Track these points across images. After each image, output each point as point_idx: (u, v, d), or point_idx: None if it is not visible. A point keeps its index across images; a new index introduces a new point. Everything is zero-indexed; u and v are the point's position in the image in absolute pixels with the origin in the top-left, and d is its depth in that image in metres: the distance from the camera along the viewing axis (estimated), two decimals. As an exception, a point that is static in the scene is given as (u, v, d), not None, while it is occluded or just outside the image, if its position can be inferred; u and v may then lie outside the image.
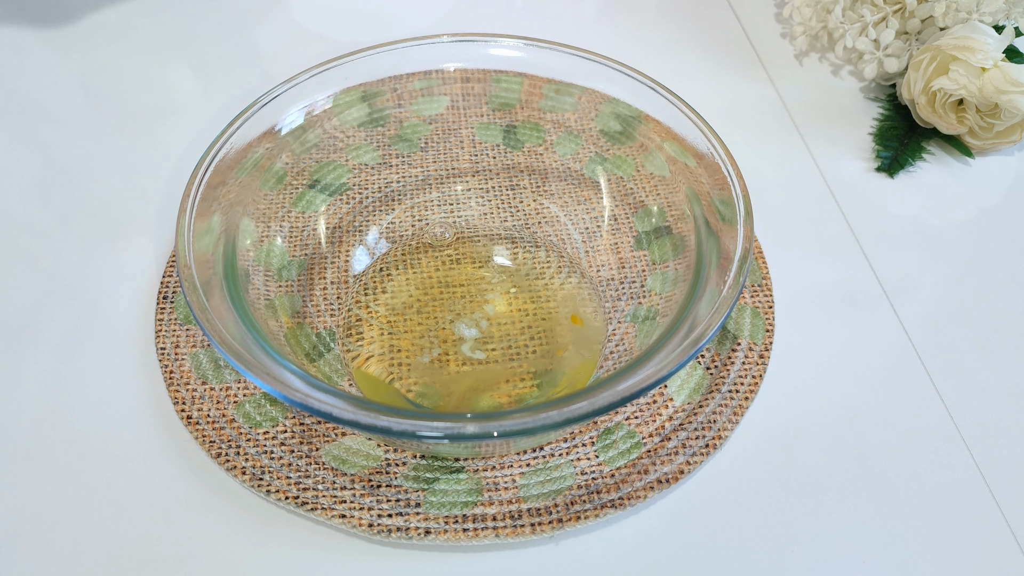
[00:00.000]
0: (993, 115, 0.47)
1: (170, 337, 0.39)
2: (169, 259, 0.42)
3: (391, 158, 0.44)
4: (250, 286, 0.35)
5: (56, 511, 0.34)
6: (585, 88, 0.42)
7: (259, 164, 0.38)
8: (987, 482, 0.36)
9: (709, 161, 0.37)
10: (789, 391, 0.39)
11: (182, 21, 0.56)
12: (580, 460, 0.35)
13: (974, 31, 0.46)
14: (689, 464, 0.35)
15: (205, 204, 0.35)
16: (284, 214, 0.40)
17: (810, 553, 0.34)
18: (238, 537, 0.34)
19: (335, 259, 0.41)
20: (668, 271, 0.38)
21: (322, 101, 0.41)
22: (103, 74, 0.52)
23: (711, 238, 0.35)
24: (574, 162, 0.43)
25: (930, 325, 0.41)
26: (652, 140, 0.40)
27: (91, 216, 0.45)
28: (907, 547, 0.34)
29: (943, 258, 0.44)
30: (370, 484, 0.34)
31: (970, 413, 0.38)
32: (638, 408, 0.37)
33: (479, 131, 0.45)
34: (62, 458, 0.36)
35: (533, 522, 0.33)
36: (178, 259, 0.33)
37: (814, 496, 0.35)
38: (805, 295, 0.42)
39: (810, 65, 0.55)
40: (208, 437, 0.35)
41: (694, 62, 0.55)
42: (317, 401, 0.29)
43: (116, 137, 0.49)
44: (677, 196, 0.39)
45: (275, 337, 0.34)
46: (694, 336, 0.31)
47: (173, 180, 0.46)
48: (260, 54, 0.54)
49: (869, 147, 0.50)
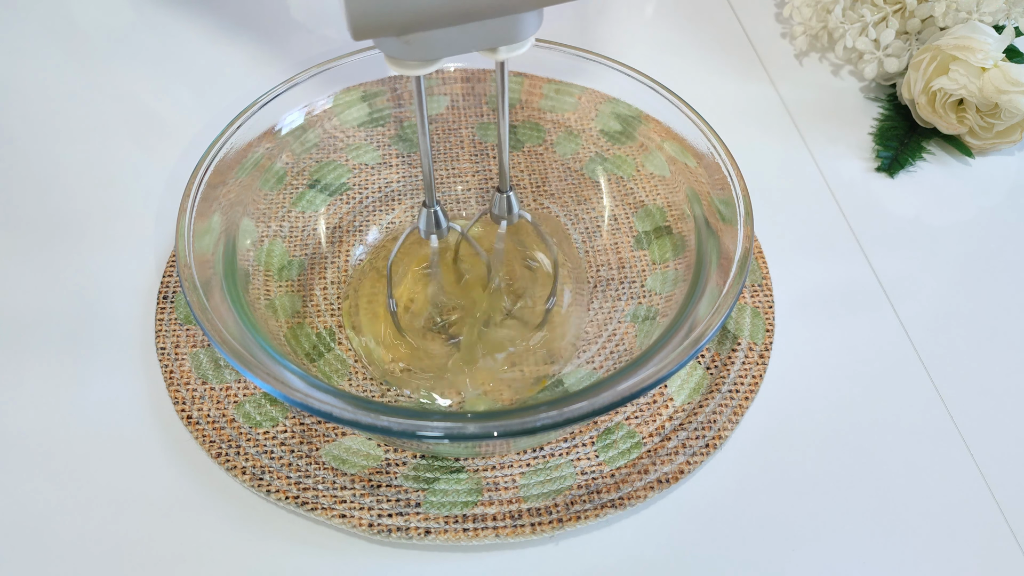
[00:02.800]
0: (993, 115, 0.47)
1: (170, 337, 0.39)
2: (169, 259, 0.42)
3: (391, 158, 0.44)
4: (250, 286, 0.35)
5: (56, 511, 0.34)
6: (585, 88, 0.42)
7: (259, 164, 0.38)
8: (987, 482, 0.36)
9: (709, 161, 0.37)
10: (789, 391, 0.39)
11: (182, 21, 0.56)
12: (580, 460, 0.35)
13: (974, 31, 0.46)
14: (689, 464, 0.35)
15: (205, 204, 0.35)
16: (284, 214, 0.40)
17: (810, 553, 0.34)
18: (238, 537, 0.34)
19: (335, 259, 0.41)
20: (668, 271, 0.38)
21: (322, 101, 0.41)
22: (103, 74, 0.52)
23: (711, 238, 0.35)
24: (574, 162, 0.43)
25: (930, 325, 0.41)
26: (652, 140, 0.40)
27: (91, 216, 0.45)
28: (907, 547, 0.34)
29: (943, 258, 0.44)
30: (370, 484, 0.34)
31: (970, 413, 0.38)
32: (638, 408, 0.37)
33: (479, 131, 0.45)
34: (62, 458, 0.36)
35: (533, 522, 0.33)
36: (178, 259, 0.33)
37: (814, 496, 0.35)
38: (805, 295, 0.42)
39: (810, 65, 0.55)
40: (208, 437, 0.35)
41: (694, 62, 0.55)
42: (317, 401, 0.29)
43: (116, 137, 0.49)
44: (677, 196, 0.39)
45: (275, 337, 0.34)
46: (694, 336, 0.31)
47: (173, 180, 0.46)
48: (260, 54, 0.54)
49: (869, 147, 0.50)
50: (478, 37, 0.28)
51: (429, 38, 0.27)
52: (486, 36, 0.28)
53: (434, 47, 0.27)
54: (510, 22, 0.28)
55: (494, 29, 0.28)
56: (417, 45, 0.27)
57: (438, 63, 0.28)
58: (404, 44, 0.27)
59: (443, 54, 0.28)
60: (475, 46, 0.28)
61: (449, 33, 0.27)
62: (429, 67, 0.28)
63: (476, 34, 0.27)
